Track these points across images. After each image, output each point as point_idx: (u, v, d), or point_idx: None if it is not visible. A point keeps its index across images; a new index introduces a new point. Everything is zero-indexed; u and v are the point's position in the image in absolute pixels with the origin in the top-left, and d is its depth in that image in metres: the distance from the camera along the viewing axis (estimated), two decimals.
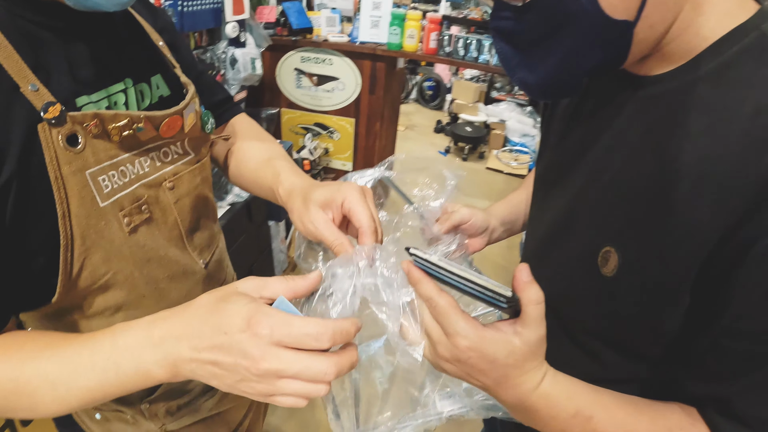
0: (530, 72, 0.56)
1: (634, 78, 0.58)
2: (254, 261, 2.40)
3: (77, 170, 0.60)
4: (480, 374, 0.52)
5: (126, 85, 0.71)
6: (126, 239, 0.68)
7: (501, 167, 4.97)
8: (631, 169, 0.57)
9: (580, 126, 0.69)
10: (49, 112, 0.56)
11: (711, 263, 0.48)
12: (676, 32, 0.51)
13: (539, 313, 0.49)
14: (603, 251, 0.59)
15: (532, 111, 5.73)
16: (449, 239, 0.85)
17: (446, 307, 0.51)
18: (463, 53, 2.60)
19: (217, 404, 0.98)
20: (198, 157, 0.83)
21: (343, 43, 2.79)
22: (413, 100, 7.04)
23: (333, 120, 3.10)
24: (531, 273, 0.49)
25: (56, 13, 0.62)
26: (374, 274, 0.56)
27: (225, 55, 2.30)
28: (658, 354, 0.58)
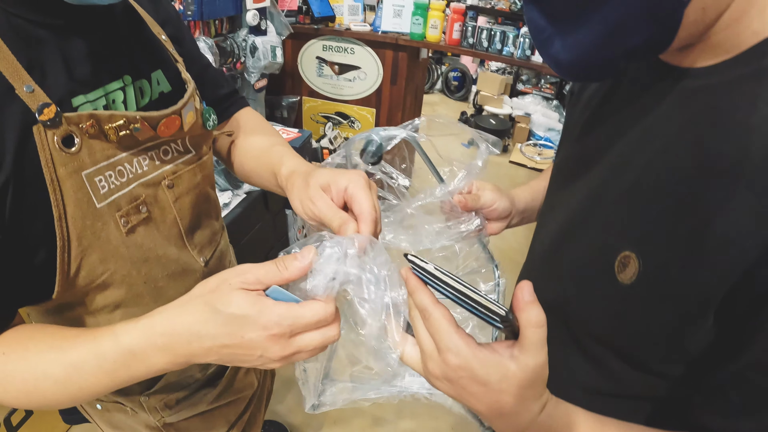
0: (564, 47, 0.50)
1: (674, 69, 0.53)
2: (270, 249, 2.40)
3: (73, 172, 0.60)
4: (472, 397, 0.47)
5: (125, 82, 0.70)
6: (123, 239, 0.67)
7: (524, 161, 4.88)
8: (661, 167, 0.52)
9: (607, 117, 0.63)
10: (44, 113, 0.55)
11: (745, 284, 0.43)
12: (727, 22, 0.46)
13: (539, 337, 0.43)
14: (622, 256, 0.54)
15: (558, 105, 5.61)
16: (468, 218, 0.82)
17: (440, 320, 0.47)
18: (486, 45, 2.55)
19: (217, 398, 0.98)
20: (198, 154, 0.81)
21: (365, 32, 2.76)
22: (438, 91, 6.96)
23: (354, 110, 3.08)
24: (534, 291, 0.44)
25: (53, 11, 0.61)
26: (362, 266, 0.53)
27: (245, 43, 2.29)
28: (673, 373, 0.54)
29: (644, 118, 0.56)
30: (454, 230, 0.82)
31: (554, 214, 0.72)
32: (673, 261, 0.49)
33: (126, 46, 0.72)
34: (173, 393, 0.89)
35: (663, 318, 0.51)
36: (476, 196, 0.81)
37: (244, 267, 0.51)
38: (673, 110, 0.53)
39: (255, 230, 2.15)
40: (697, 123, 0.49)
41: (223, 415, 1.03)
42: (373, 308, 0.53)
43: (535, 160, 4.87)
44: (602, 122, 0.64)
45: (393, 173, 0.85)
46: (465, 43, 2.61)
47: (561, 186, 0.73)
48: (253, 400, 1.14)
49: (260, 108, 2.73)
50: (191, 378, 0.92)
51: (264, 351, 0.49)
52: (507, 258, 3.12)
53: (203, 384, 0.95)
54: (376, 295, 0.53)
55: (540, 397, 0.47)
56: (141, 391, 0.85)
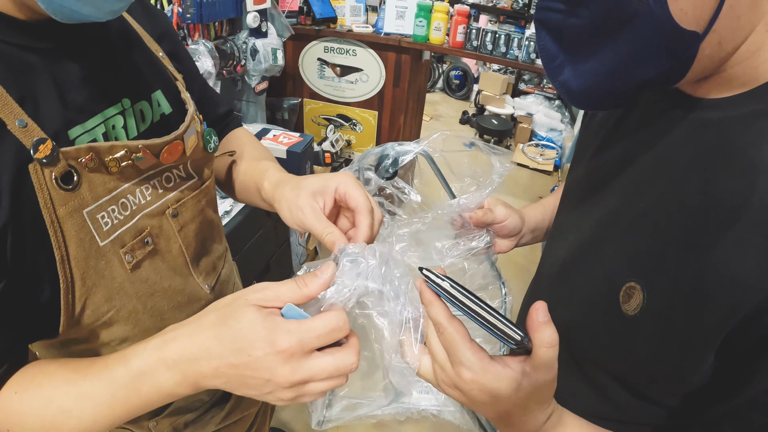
0: (576, 75, 0.49)
1: (688, 98, 0.53)
2: (272, 255, 2.38)
3: (74, 210, 0.56)
4: (482, 406, 0.49)
5: (124, 106, 0.66)
6: (128, 276, 0.64)
7: (527, 162, 4.86)
8: (671, 199, 0.51)
9: (620, 141, 0.63)
10: (39, 150, 0.51)
11: (747, 325, 0.44)
12: (744, 54, 0.45)
13: (551, 356, 0.45)
14: (627, 286, 0.54)
15: (561, 105, 5.59)
16: (479, 234, 0.82)
17: (454, 335, 0.48)
18: (490, 48, 2.51)
19: (224, 419, 0.97)
20: (201, 179, 0.78)
21: (368, 33, 2.72)
22: (439, 89, 6.93)
23: (356, 112, 3.04)
24: (548, 312, 0.45)
25: (43, 33, 0.57)
26: (381, 280, 0.53)
27: (246, 46, 2.25)
28: (673, 404, 0.55)
29: (656, 146, 0.56)
30: (464, 247, 0.82)
31: (564, 237, 0.72)
32: (677, 296, 0.49)
33: (123, 67, 0.68)
34: (182, 417, 0.88)
35: (665, 352, 0.51)
36: (489, 210, 0.81)
37: (264, 284, 0.50)
38: (684, 140, 0.52)
39: (257, 237, 2.13)
40: (708, 157, 0.49)
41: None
42: (391, 321, 0.53)
43: (537, 161, 4.84)
44: (615, 146, 0.64)
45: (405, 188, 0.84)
46: (469, 46, 2.57)
47: (571, 209, 0.73)
48: (259, 414, 1.14)
49: (261, 110, 2.70)
50: (199, 402, 0.91)
51: (272, 374, 0.47)
52: (513, 276, 3.10)
53: (211, 406, 0.94)
54: (394, 309, 0.53)
55: (547, 408, 0.49)
56: (150, 416, 0.84)
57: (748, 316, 0.43)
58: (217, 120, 0.95)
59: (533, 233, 0.91)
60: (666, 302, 0.50)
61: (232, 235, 1.89)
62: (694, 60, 0.45)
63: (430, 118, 5.92)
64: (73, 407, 0.53)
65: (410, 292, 0.54)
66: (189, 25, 1.97)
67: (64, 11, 0.52)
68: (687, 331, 0.48)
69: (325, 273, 0.50)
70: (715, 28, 0.42)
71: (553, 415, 0.50)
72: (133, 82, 0.69)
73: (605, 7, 0.44)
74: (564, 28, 0.48)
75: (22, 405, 0.55)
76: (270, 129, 2.48)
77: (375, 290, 0.52)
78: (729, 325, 0.44)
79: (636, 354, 0.54)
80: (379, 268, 0.53)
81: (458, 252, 0.81)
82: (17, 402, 0.55)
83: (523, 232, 0.88)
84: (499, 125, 5.13)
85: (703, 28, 0.42)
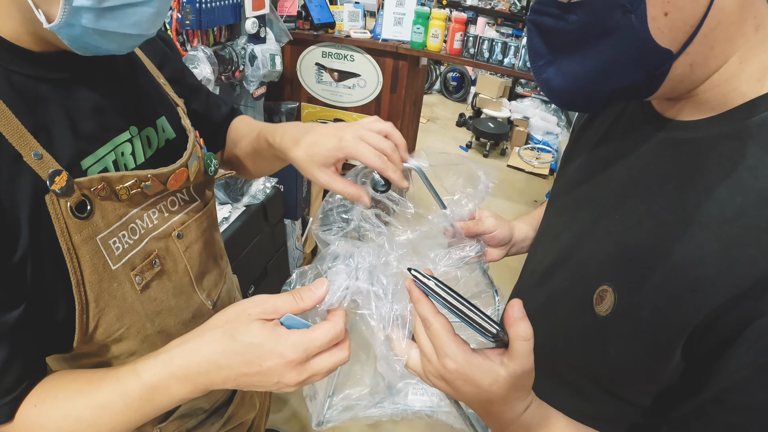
0: (558, 75, 0.54)
1: (664, 120, 0.57)
2: (270, 259, 2.39)
3: (88, 238, 0.59)
4: (465, 396, 0.53)
5: (132, 133, 0.68)
6: (138, 297, 0.67)
7: (522, 165, 4.88)
8: (644, 211, 0.56)
9: (601, 159, 0.68)
10: (55, 182, 0.54)
11: (707, 328, 0.47)
12: (716, 82, 0.50)
13: (527, 348, 0.49)
14: (600, 289, 0.58)
15: (557, 109, 5.61)
16: (470, 244, 0.84)
17: (440, 329, 0.52)
18: (487, 55, 2.53)
19: (224, 425, 1.00)
20: (203, 201, 0.81)
21: (366, 39, 2.73)
22: (437, 91, 6.95)
23: (353, 117, 3.06)
24: (523, 308, 0.50)
25: (54, 64, 0.59)
26: (370, 280, 0.59)
27: (244, 52, 2.26)
28: (643, 402, 0.58)
29: (633, 163, 0.60)
30: (457, 256, 0.84)
31: (544, 247, 0.77)
32: (645, 298, 0.53)
33: (130, 95, 0.70)
34: (183, 424, 0.91)
35: (633, 351, 0.55)
36: (479, 221, 0.84)
37: (262, 297, 0.54)
38: (658, 158, 0.57)
39: (254, 242, 2.14)
40: (678, 173, 0.53)
41: None
42: (380, 317, 0.58)
43: (533, 164, 4.86)
44: (596, 163, 0.68)
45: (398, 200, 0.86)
46: (466, 53, 2.59)
47: (553, 221, 0.78)
48: (255, 419, 1.17)
49: (259, 115, 2.71)
50: (200, 410, 0.94)
51: (281, 377, 0.52)
52: (508, 279, 3.12)
53: (211, 413, 0.97)
54: (383, 307, 0.58)
55: (525, 398, 0.53)
56: (153, 424, 0.86)
57: (710, 317, 0.47)
58: (224, 119, 0.99)
59: (522, 243, 0.95)
60: (635, 303, 0.54)
61: (231, 240, 1.91)
62: (665, 76, 0.49)
63: (427, 120, 5.93)
64: (90, 417, 0.56)
65: (399, 292, 0.59)
66: (188, 31, 1.98)
67: (88, 48, 0.55)
68: (653, 330, 0.52)
69: (319, 289, 0.55)
70: (687, 51, 0.47)
71: (531, 406, 0.54)
72: (139, 110, 0.71)
73: (593, 17, 0.48)
74: (553, 31, 0.52)
75: (41, 417, 0.57)
76: None
77: (365, 290, 0.58)
78: (691, 325, 0.48)
79: (607, 353, 0.58)
80: (369, 270, 0.59)
81: (451, 261, 0.83)
82: (36, 415, 0.57)
83: (513, 242, 0.92)
84: (495, 128, 5.15)
85: (677, 48, 0.46)
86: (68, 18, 0.49)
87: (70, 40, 0.53)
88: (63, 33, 0.51)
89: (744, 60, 0.48)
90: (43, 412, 0.58)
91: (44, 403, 0.58)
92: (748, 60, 0.48)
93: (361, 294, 0.58)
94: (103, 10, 0.51)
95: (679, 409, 0.53)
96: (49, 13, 0.49)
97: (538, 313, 0.69)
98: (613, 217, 0.60)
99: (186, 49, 2.01)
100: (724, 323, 0.46)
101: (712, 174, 0.50)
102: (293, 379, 0.52)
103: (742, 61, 0.48)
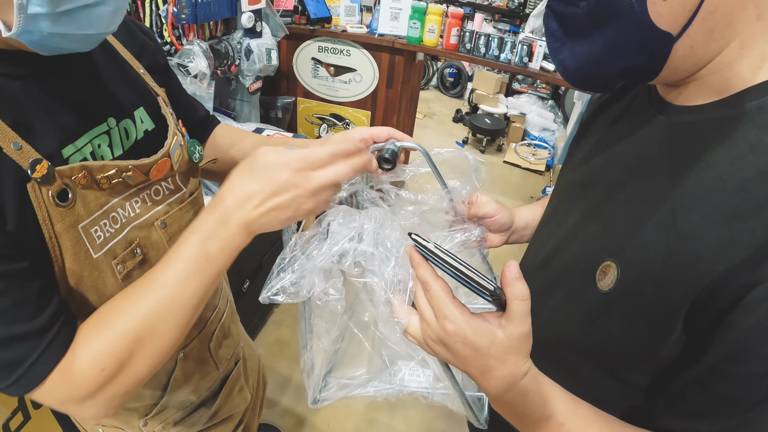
0: (571, 56, 0.58)
1: (669, 105, 0.60)
2: (265, 254, 2.39)
3: (70, 226, 0.59)
4: (464, 360, 0.54)
5: (109, 125, 0.68)
6: (119, 285, 0.67)
7: (519, 161, 4.89)
8: (648, 190, 0.58)
9: (608, 146, 0.70)
10: (36, 170, 0.54)
11: (708, 298, 0.48)
12: (718, 66, 0.52)
13: (524, 309, 0.50)
14: (603, 265, 0.60)
15: (554, 105, 5.62)
16: (471, 228, 0.85)
17: (439, 291, 0.53)
18: (484, 51, 2.53)
19: (212, 417, 1.01)
20: (189, 190, 0.81)
21: (362, 34, 2.73)
22: (433, 87, 6.94)
23: (349, 112, 3.06)
24: (519, 269, 0.51)
25: (27, 61, 0.59)
26: (375, 243, 0.61)
27: (240, 46, 2.26)
28: (642, 382, 0.59)
29: (639, 147, 0.63)
30: (458, 239, 0.85)
31: (549, 229, 0.79)
32: (648, 271, 0.54)
33: (107, 87, 0.70)
34: (170, 416, 0.92)
35: (635, 324, 0.56)
36: (481, 204, 0.86)
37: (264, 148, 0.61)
38: (663, 140, 0.59)
39: None
40: (681, 156, 0.56)
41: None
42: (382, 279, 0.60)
43: (529, 161, 4.87)
44: (602, 149, 0.71)
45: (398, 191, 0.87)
46: (462, 49, 2.59)
47: (559, 205, 0.79)
48: (247, 412, 1.18)
49: (254, 109, 2.70)
50: (187, 401, 0.94)
51: (295, 188, 0.57)
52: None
53: (199, 405, 0.98)
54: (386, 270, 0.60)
55: (523, 364, 0.54)
56: (140, 416, 0.87)
57: (710, 287, 0.48)
58: (201, 122, 1.00)
59: (523, 231, 0.96)
60: (637, 277, 0.55)
61: None
62: (667, 58, 0.51)
63: (424, 116, 5.93)
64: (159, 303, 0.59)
65: (402, 258, 0.61)
66: (184, 25, 1.97)
67: (51, 49, 0.55)
68: (655, 302, 0.53)
69: None
70: (687, 33, 0.49)
71: (529, 374, 0.54)
72: (116, 102, 0.71)
73: (600, 2, 0.51)
74: (567, 15, 0.56)
75: (106, 334, 0.58)
76: (264, 128, 2.50)
77: (369, 252, 0.60)
78: (692, 295, 0.49)
79: (609, 329, 0.59)
80: (374, 233, 0.62)
81: (453, 243, 0.84)
82: (98, 335, 0.58)
83: (514, 228, 0.93)
84: (492, 124, 5.15)
85: (676, 31, 0.49)
86: (25, 26, 0.50)
87: (32, 44, 0.53)
88: (23, 39, 0.52)
89: (745, 46, 0.50)
90: (109, 325, 0.59)
91: (104, 318, 0.60)
92: (749, 47, 0.50)
93: (365, 255, 0.60)
94: (59, 15, 0.51)
95: (677, 383, 0.54)
96: (7, 21, 0.50)
97: (540, 293, 0.71)
98: (618, 197, 0.63)
99: (182, 43, 2.00)
100: (724, 292, 0.47)
101: (713, 152, 0.52)
102: (304, 187, 0.57)
103: (743, 47, 0.50)
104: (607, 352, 0.61)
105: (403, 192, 0.80)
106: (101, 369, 0.57)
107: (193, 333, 0.90)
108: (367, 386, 0.77)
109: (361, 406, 2.24)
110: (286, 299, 0.62)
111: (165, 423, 0.91)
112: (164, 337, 0.60)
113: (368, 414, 2.21)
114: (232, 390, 1.06)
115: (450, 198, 0.82)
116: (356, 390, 0.77)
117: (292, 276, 0.62)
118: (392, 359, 0.78)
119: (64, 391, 0.57)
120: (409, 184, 0.80)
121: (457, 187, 0.82)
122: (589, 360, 0.64)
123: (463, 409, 0.73)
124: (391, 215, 0.66)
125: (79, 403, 0.58)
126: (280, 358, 2.41)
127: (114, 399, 0.60)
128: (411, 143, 0.76)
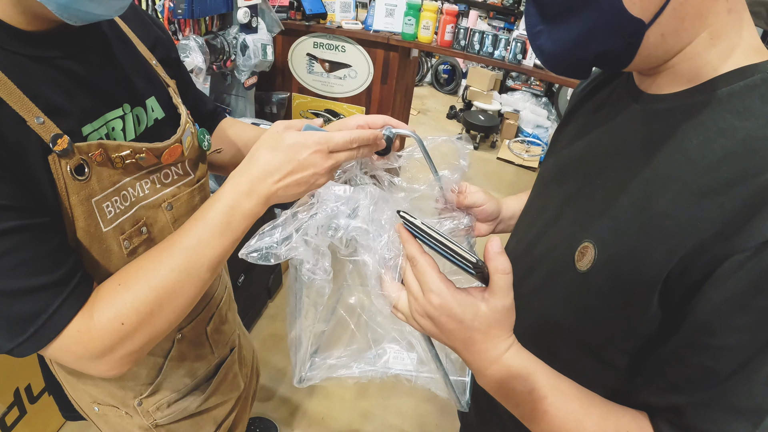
0: (549, 41, 0.59)
1: (644, 94, 0.63)
2: None
3: (84, 199, 0.62)
4: (449, 334, 0.56)
5: (124, 110, 0.72)
6: (124, 259, 0.70)
7: (512, 158, 4.92)
8: (624, 175, 0.60)
9: (587, 135, 0.72)
10: (57, 144, 0.58)
11: (681, 273, 0.50)
12: (689, 54, 0.54)
13: (506, 282, 0.53)
14: (581, 246, 0.62)
15: (548, 102, 5.64)
16: (460, 216, 0.88)
17: (425, 266, 0.56)
18: (478, 47, 2.55)
19: (205, 402, 1.04)
20: (197, 176, 0.84)
21: (357, 30, 2.74)
22: (428, 83, 6.96)
23: (344, 107, 3.07)
24: (501, 245, 0.53)
25: (50, 43, 0.62)
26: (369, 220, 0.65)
27: (236, 41, 2.27)
28: (622, 362, 0.60)
29: (616, 134, 0.66)
30: (447, 226, 0.87)
31: (531, 216, 0.81)
32: (623, 248, 0.56)
33: (122, 75, 0.73)
34: (165, 398, 0.94)
35: (613, 301, 0.58)
36: (470, 194, 0.88)
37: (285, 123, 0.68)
38: (640, 127, 0.62)
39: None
40: (655, 141, 0.58)
41: (211, 417, 1.08)
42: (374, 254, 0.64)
43: (523, 157, 4.90)
44: (583, 137, 0.73)
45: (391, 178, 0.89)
46: (457, 45, 2.61)
47: (540, 192, 0.81)
48: (239, 401, 1.20)
49: (250, 105, 2.71)
50: (182, 383, 0.96)
51: (314, 167, 0.64)
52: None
53: (193, 388, 1.00)
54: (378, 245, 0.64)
55: (507, 338, 0.56)
56: (135, 396, 0.90)
57: (682, 263, 0.50)
58: (208, 115, 1.04)
59: (510, 220, 0.98)
60: (614, 255, 0.57)
61: None
62: (639, 44, 0.54)
63: (418, 112, 5.95)
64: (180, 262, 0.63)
65: (394, 235, 0.64)
66: (180, 20, 1.98)
67: (78, 14, 0.57)
68: (631, 279, 0.55)
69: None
70: (659, 21, 0.51)
71: (512, 348, 0.57)
72: (131, 89, 0.74)
73: None
74: (546, 1, 0.59)
75: (130, 291, 0.62)
76: (259, 123, 2.51)
77: (362, 229, 0.64)
78: (665, 270, 0.51)
79: (588, 307, 0.61)
80: (368, 208, 0.66)
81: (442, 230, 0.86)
82: (123, 290, 0.62)
83: (501, 218, 0.96)
84: (485, 121, 5.17)
85: (648, 18, 0.51)
86: None
87: (59, 9, 0.55)
88: (51, 3, 0.54)
89: (715, 37, 0.53)
90: (133, 282, 0.62)
91: (128, 276, 0.63)
92: (719, 38, 0.53)
93: (359, 230, 0.64)
94: None
95: (654, 359, 0.56)
96: None
97: (523, 277, 0.72)
98: (596, 182, 0.65)
99: (178, 38, 2.01)
100: (695, 267, 0.49)
101: (686, 136, 0.54)
102: (322, 165, 0.64)
103: (713, 38, 0.53)
104: (588, 332, 0.63)
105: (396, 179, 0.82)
106: (121, 323, 0.60)
107: (192, 315, 0.92)
108: (352, 367, 0.79)
109: (354, 398, 2.26)
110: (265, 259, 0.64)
111: (159, 404, 0.93)
112: (182, 297, 0.64)
113: (362, 407, 2.23)
114: (227, 375, 1.09)
115: (440, 186, 0.84)
116: (341, 370, 0.79)
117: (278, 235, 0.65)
118: (378, 341, 0.80)
119: (81, 345, 0.60)
120: (402, 172, 0.82)
121: (447, 176, 0.84)
122: (570, 341, 0.66)
123: (446, 392, 0.75)
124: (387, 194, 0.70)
125: (95, 359, 0.61)
126: (274, 352, 2.43)
127: (129, 356, 0.63)
128: (406, 130, 0.78)
